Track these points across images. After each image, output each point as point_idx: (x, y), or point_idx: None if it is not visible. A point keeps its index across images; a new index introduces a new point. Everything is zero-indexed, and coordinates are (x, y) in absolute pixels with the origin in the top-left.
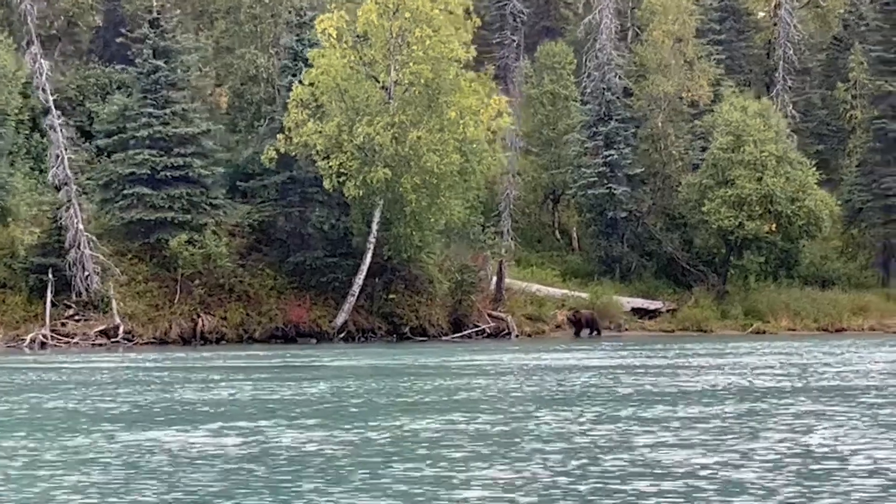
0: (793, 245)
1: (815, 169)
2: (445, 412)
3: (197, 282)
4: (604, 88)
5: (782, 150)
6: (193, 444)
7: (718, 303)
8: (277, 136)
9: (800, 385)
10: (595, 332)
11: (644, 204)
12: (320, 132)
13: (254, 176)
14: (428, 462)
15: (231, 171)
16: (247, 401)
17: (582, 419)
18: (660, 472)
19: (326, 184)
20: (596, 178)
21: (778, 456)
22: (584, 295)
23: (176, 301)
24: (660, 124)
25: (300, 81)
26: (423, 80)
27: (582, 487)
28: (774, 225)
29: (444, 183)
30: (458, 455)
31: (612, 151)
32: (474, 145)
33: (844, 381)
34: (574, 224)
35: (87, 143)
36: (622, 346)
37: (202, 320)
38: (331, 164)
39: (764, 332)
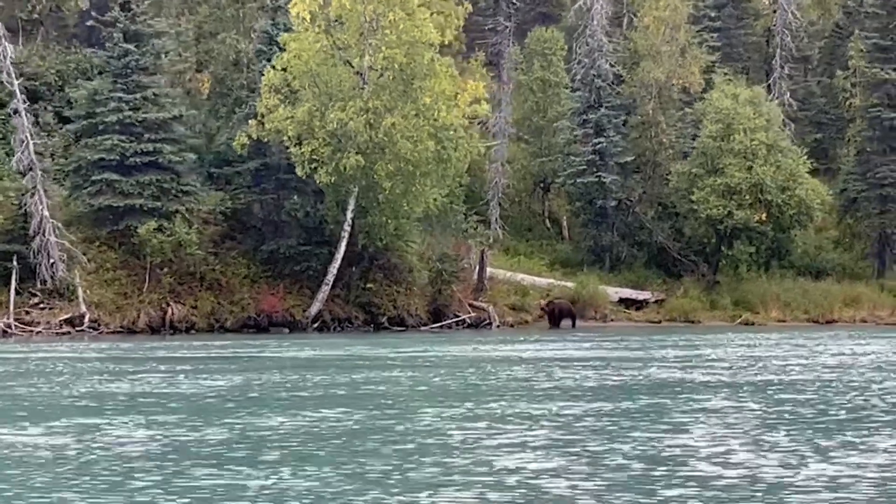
0: (784, 235)
1: (809, 158)
2: (326, 407)
3: (166, 270)
4: (594, 75)
5: (773, 138)
6: (12, 443)
7: (708, 293)
8: (249, 121)
9: (733, 379)
10: (571, 324)
11: (634, 192)
12: (291, 118)
13: (230, 162)
14: (232, 467)
15: (211, 158)
16: (133, 395)
17: (458, 416)
18: (471, 479)
19: (299, 171)
20: (585, 167)
21: (623, 458)
22: (570, 284)
23: (145, 289)
24: (650, 112)
25: (272, 66)
26: (396, 65)
27: (367, 496)
28: (765, 214)
29: (419, 170)
30: (271, 458)
31: (602, 139)
32: (451, 132)
33: (786, 375)
34: (564, 213)
35: (64, 128)
36: (596, 337)
37: (171, 309)
38: (303, 150)
39: (753, 324)
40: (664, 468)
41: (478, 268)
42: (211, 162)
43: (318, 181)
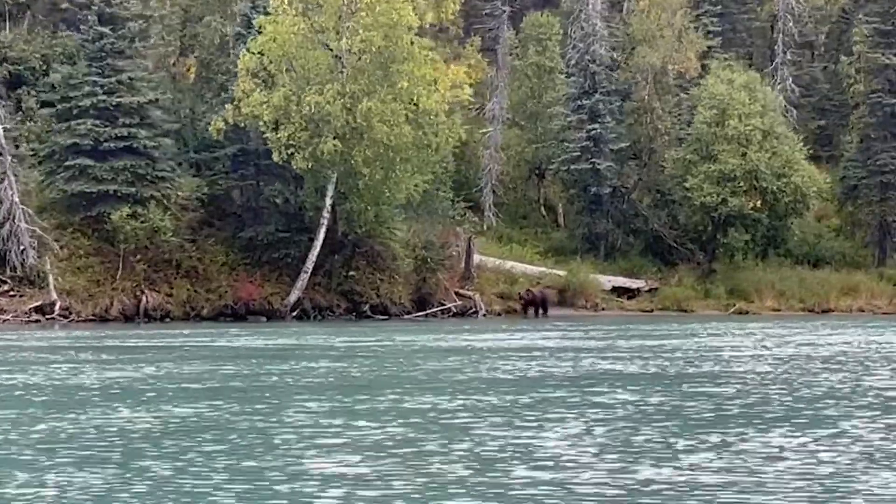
0: (781, 222)
1: (813, 145)
2: (198, 401)
3: (139, 257)
4: (589, 60)
5: (769, 123)
6: None
7: (702, 282)
8: (226, 106)
9: (663, 371)
10: (543, 312)
11: (630, 179)
12: (267, 102)
13: (211, 148)
14: (7, 468)
15: (196, 143)
16: (10, 386)
17: (323, 411)
18: (248, 483)
19: (275, 156)
20: (579, 153)
21: (443, 460)
22: (562, 273)
23: (118, 277)
24: (646, 97)
25: (248, 50)
26: (374, 48)
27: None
28: (760, 201)
29: (399, 156)
30: (61, 460)
31: (596, 125)
32: (431, 117)
33: (724, 366)
34: (560, 200)
35: (41, 113)
36: (569, 326)
37: (146, 297)
38: (279, 135)
39: (746, 313)
40: (477, 470)
41: (465, 256)
42: (195, 147)
43: (294, 167)
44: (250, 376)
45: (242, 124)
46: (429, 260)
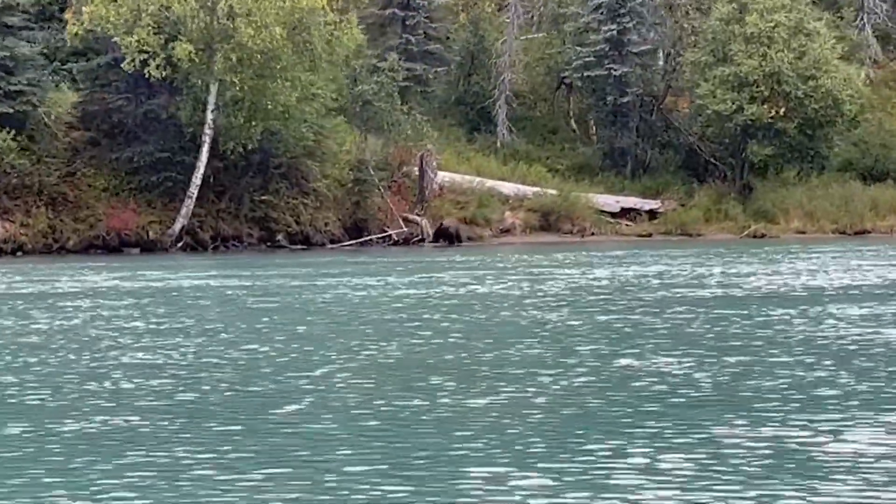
0: (816, 132)
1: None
2: None
3: None
4: None
5: (796, 19)
6: None
7: (719, 202)
8: (83, 9)
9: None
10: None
11: (657, 87)
12: (114, 1)
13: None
14: None
15: (66, 54)
16: None
17: None
18: None
19: (126, 65)
20: (595, 58)
21: None
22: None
23: None
24: None
25: None
26: None
27: None
28: (783, 109)
29: (279, 63)
30: None
31: (615, 26)
32: (319, 17)
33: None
34: (590, 113)
35: None
36: (485, 257)
37: None
38: (130, 40)
39: (763, 236)
40: None
41: (419, 176)
42: (63, 59)
43: (147, 76)
44: None
45: (99, 28)
46: (361, 182)
